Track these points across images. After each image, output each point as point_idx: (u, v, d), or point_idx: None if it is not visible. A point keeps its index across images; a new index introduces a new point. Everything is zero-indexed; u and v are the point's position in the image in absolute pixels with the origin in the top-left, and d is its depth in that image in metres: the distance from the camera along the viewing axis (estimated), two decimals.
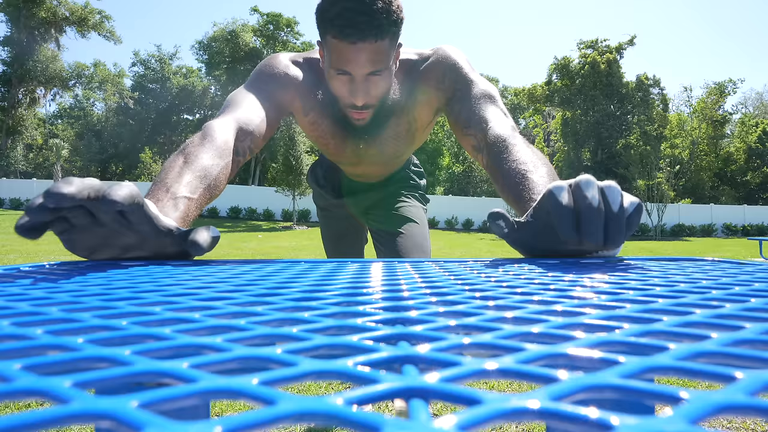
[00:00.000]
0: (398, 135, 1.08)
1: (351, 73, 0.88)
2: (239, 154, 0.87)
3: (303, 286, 0.36)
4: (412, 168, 1.43)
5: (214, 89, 31.75)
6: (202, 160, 0.75)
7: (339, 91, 0.92)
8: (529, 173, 0.73)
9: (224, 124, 0.84)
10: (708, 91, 29.29)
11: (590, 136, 26.02)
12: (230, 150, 0.81)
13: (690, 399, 0.12)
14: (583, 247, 0.57)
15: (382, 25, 0.83)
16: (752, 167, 29.98)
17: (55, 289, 0.35)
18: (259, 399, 0.13)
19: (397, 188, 1.37)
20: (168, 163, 0.73)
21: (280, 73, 0.99)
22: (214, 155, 0.77)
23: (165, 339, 0.20)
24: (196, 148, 0.77)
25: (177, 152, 0.76)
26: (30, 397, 0.13)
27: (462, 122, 0.94)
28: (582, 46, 27.55)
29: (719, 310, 0.25)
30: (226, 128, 0.83)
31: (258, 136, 0.90)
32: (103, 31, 29.91)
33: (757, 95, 40.01)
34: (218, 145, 0.79)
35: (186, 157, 0.74)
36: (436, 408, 1.57)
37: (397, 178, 1.38)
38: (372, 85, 0.90)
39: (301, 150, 17.89)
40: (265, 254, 8.07)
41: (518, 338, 0.20)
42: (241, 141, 0.86)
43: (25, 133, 28.27)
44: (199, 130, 0.84)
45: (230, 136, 0.83)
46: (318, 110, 1.02)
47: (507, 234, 0.59)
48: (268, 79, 0.98)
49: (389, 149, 1.12)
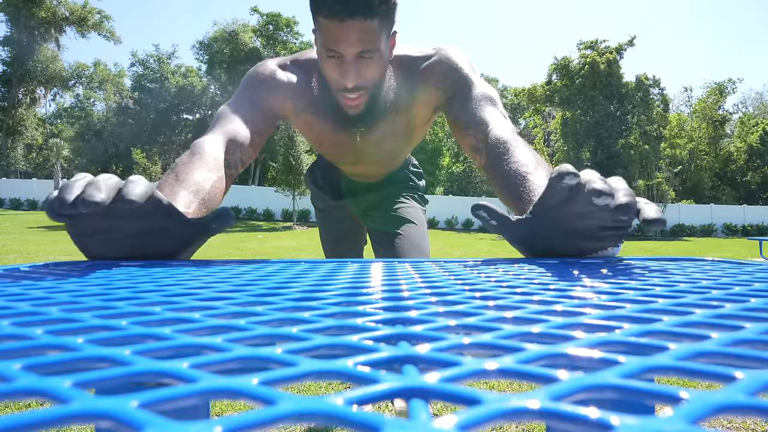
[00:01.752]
0: (396, 132, 1.07)
1: (341, 52, 0.87)
2: (231, 167, 0.88)
3: (303, 286, 0.36)
4: (411, 168, 1.42)
5: (213, 89, 31.75)
6: (194, 175, 0.76)
7: (330, 75, 0.91)
8: (529, 175, 0.73)
9: (213, 140, 0.85)
10: (708, 91, 29.29)
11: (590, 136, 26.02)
12: (221, 164, 0.82)
13: (690, 399, 0.12)
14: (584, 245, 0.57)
15: (372, 4, 0.83)
16: (752, 167, 29.99)
17: (55, 289, 0.35)
18: (259, 399, 0.13)
19: (396, 189, 1.37)
20: (160, 183, 0.74)
21: (268, 78, 0.99)
22: (205, 170, 0.78)
23: (165, 339, 0.20)
24: (186, 165, 0.77)
25: (167, 172, 0.77)
26: (30, 397, 0.13)
27: (462, 123, 0.94)
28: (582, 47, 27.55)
29: (719, 310, 0.25)
30: (214, 143, 0.84)
31: (248, 146, 0.91)
32: (102, 31, 29.91)
33: (757, 95, 40.01)
34: (207, 160, 0.80)
35: (177, 176, 0.75)
36: (436, 408, 1.57)
37: (396, 179, 1.37)
38: (363, 67, 0.89)
39: (301, 150, 17.89)
40: (265, 254, 8.07)
41: (518, 338, 0.20)
42: (231, 154, 0.87)
43: (25, 133, 28.27)
44: (194, 138, 0.84)
45: (219, 151, 0.84)
46: (311, 110, 1.02)
47: (497, 227, 0.60)
48: (256, 87, 0.98)
49: (387, 147, 1.12)
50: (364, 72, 0.90)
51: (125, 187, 0.51)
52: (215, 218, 0.58)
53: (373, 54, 0.88)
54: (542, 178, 0.72)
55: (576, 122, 26.42)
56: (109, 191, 0.50)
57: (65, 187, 0.50)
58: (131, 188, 0.50)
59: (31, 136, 29.03)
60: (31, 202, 20.95)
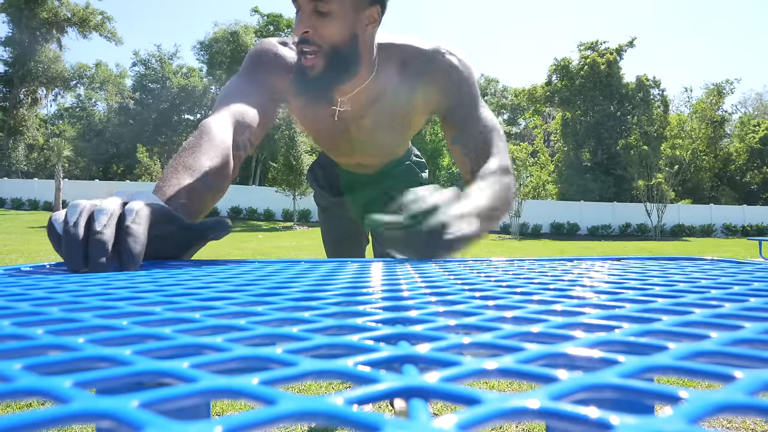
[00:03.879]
0: (391, 123, 1.06)
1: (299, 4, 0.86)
2: (240, 149, 0.86)
3: (303, 286, 0.36)
4: (413, 159, 1.40)
5: (214, 89, 31.75)
6: (201, 160, 0.75)
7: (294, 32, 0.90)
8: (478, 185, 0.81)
9: (220, 121, 0.83)
10: (707, 91, 29.27)
11: (590, 137, 26.02)
12: (229, 146, 0.81)
13: (689, 399, 0.12)
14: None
15: None
16: (752, 167, 29.96)
17: (56, 289, 0.35)
18: (260, 399, 0.13)
19: (396, 183, 1.35)
20: (167, 169, 0.73)
21: (269, 56, 0.97)
22: (213, 155, 0.77)
23: (165, 339, 0.20)
24: (194, 149, 0.76)
25: (175, 156, 0.77)
26: (31, 396, 0.13)
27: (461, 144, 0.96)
28: (582, 48, 27.56)
29: (718, 309, 0.25)
30: (222, 124, 0.83)
31: (256, 127, 0.90)
32: (104, 32, 29.92)
33: (757, 95, 39.99)
34: (216, 143, 0.78)
35: (184, 160, 0.74)
36: (436, 408, 1.57)
37: (396, 173, 1.35)
38: (318, 22, 0.87)
39: (301, 150, 17.89)
40: (265, 254, 8.07)
41: (518, 338, 0.20)
42: (240, 135, 0.86)
43: (26, 133, 28.29)
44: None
45: (228, 132, 0.82)
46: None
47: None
48: (258, 66, 0.97)
49: (381, 137, 1.10)
50: (320, 28, 0.87)
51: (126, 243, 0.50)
52: (211, 228, 0.58)
53: (329, 6, 0.86)
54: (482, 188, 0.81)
55: (576, 123, 26.42)
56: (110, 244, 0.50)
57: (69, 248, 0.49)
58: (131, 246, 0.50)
59: (32, 136, 29.05)
60: (32, 202, 20.96)
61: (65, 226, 0.50)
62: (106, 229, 0.50)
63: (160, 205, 0.56)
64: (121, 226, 0.51)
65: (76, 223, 0.50)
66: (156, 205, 0.56)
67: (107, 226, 0.50)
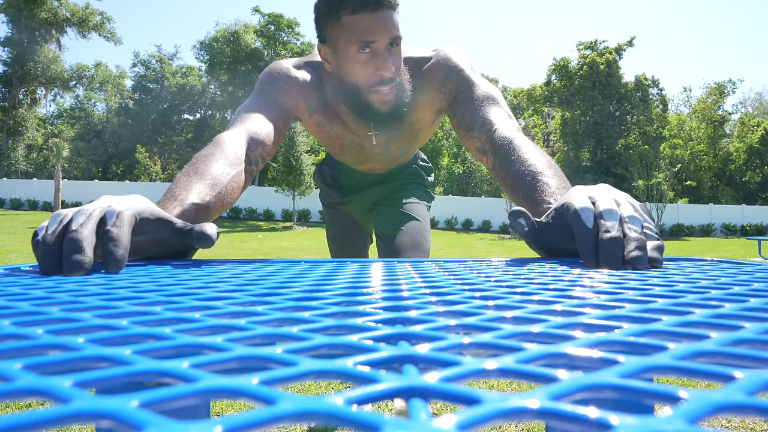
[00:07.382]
0: (403, 134, 1.09)
1: (375, 40, 0.88)
2: (252, 163, 0.88)
3: (303, 286, 0.36)
4: (420, 163, 1.43)
5: (213, 88, 31.72)
6: (212, 168, 0.76)
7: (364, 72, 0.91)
8: (539, 175, 0.75)
9: (234, 135, 0.85)
10: (708, 91, 29.28)
11: (589, 137, 26.03)
12: (241, 160, 0.82)
13: (689, 399, 0.12)
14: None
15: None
16: (752, 167, 29.97)
17: (56, 289, 0.35)
18: (259, 399, 0.13)
19: (403, 183, 1.38)
20: (178, 177, 0.74)
21: (283, 78, 1.00)
22: (224, 165, 0.78)
23: (165, 339, 0.20)
24: (206, 158, 0.78)
25: (187, 165, 0.78)
26: (31, 396, 0.13)
27: (465, 125, 0.94)
28: (581, 47, 27.56)
29: (718, 309, 0.25)
30: (236, 139, 0.85)
31: (269, 144, 0.92)
32: (104, 32, 29.90)
33: (757, 95, 40.01)
34: (228, 154, 0.80)
35: (196, 168, 0.75)
36: (436, 408, 1.57)
37: (404, 174, 1.38)
38: (395, 56, 0.90)
39: (301, 150, 17.87)
40: (265, 254, 8.07)
41: (518, 338, 0.20)
42: (252, 150, 0.88)
43: (25, 133, 28.26)
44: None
45: (241, 147, 0.84)
46: (322, 111, 1.03)
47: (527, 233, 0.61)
48: (272, 87, 0.99)
49: (393, 148, 1.14)
50: (396, 61, 0.91)
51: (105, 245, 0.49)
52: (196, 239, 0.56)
53: (400, 42, 0.90)
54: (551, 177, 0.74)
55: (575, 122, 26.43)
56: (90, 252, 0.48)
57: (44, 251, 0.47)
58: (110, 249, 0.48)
59: (31, 136, 29.03)
60: (31, 202, 20.95)
61: (44, 233, 0.49)
62: (82, 228, 0.49)
63: (149, 208, 0.56)
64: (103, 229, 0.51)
65: (55, 230, 0.49)
66: (142, 208, 0.55)
67: (84, 225, 0.49)
